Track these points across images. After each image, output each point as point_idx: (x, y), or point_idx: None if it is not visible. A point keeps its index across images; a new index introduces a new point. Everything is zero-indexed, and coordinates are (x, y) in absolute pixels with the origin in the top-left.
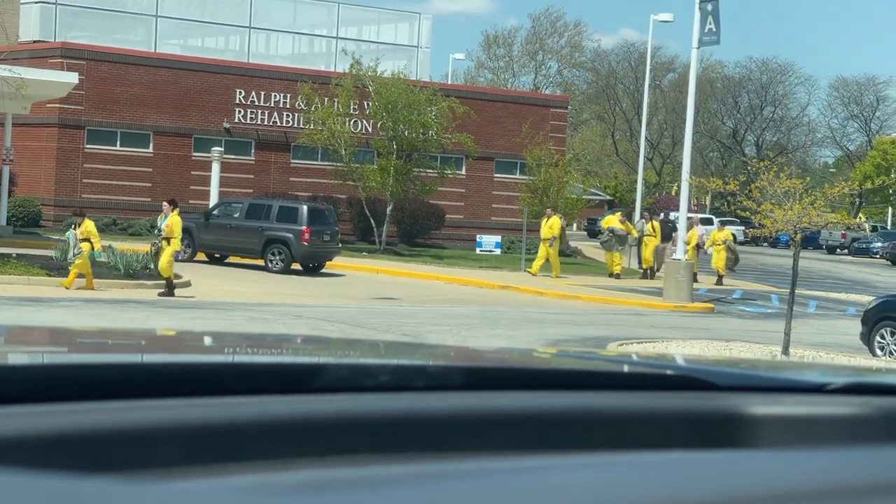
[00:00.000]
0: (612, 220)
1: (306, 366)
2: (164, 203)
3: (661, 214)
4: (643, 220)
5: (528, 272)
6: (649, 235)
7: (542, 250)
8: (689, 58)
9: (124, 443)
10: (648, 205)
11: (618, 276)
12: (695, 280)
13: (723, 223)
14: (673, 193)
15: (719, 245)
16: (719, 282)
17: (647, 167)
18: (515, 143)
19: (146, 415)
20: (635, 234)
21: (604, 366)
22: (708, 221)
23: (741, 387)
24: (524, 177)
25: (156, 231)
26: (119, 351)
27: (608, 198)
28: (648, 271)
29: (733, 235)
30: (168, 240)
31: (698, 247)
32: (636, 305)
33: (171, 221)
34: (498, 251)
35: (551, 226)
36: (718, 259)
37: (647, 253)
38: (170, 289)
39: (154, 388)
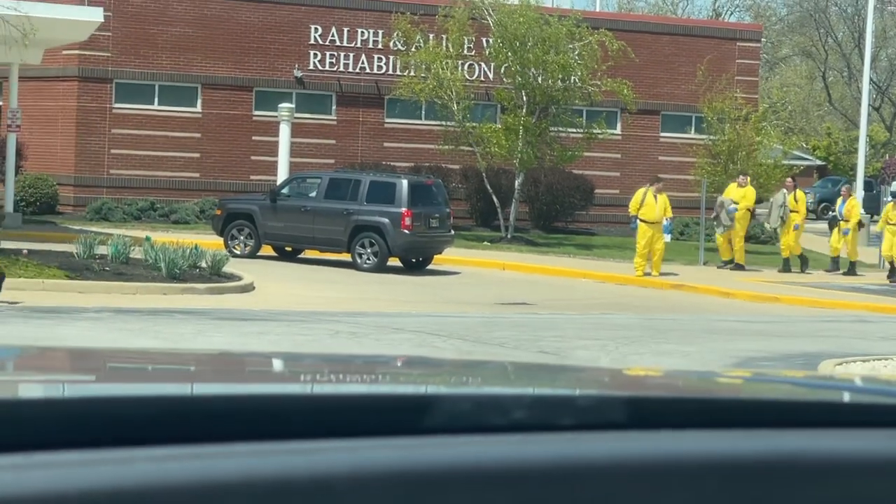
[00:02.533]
0: (730, 191)
1: (412, 398)
2: None
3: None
4: (784, 191)
5: (650, 274)
6: (794, 212)
7: (659, 239)
8: None
9: (177, 502)
10: (877, 171)
11: (729, 264)
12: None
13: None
14: None
15: (893, 225)
16: (893, 275)
17: (872, 120)
18: (689, 92)
19: (205, 465)
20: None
21: (818, 394)
22: None
23: None
24: (701, 136)
25: None
26: (164, 380)
27: (818, 162)
28: (788, 261)
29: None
30: None
31: (860, 225)
32: (859, 309)
33: None
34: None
35: (665, 206)
36: (892, 244)
37: (789, 237)
38: None
39: (213, 431)
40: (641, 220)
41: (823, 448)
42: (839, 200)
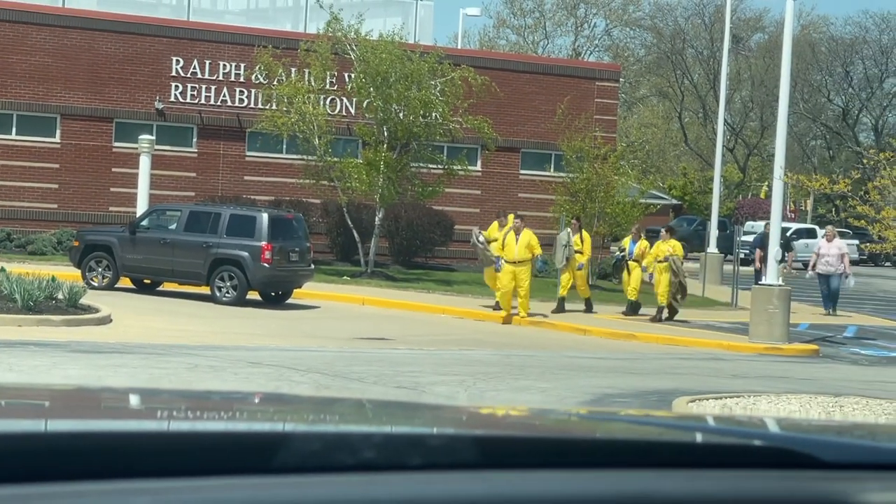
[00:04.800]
0: (493, 230)
1: (264, 436)
2: None
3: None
4: (568, 231)
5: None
6: (578, 252)
7: (516, 278)
8: (783, 12)
9: None
10: (730, 211)
11: (496, 308)
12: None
13: (669, 230)
14: (762, 196)
15: (661, 262)
16: (660, 315)
17: (726, 160)
18: (549, 129)
19: None
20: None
21: (669, 434)
22: (811, 233)
23: (855, 464)
24: (560, 174)
25: None
26: (11, 416)
27: (674, 201)
28: (563, 300)
29: (683, 248)
30: None
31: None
32: (713, 347)
33: None
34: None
35: (529, 244)
36: (660, 284)
37: (580, 277)
38: None
39: (57, 469)
40: (506, 262)
41: (670, 489)
42: (628, 240)
